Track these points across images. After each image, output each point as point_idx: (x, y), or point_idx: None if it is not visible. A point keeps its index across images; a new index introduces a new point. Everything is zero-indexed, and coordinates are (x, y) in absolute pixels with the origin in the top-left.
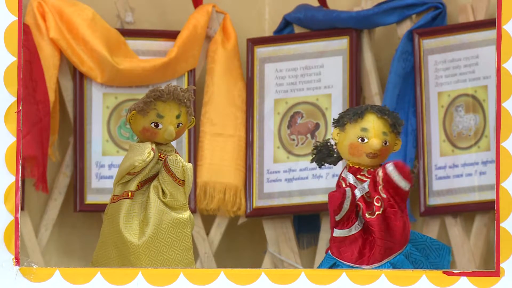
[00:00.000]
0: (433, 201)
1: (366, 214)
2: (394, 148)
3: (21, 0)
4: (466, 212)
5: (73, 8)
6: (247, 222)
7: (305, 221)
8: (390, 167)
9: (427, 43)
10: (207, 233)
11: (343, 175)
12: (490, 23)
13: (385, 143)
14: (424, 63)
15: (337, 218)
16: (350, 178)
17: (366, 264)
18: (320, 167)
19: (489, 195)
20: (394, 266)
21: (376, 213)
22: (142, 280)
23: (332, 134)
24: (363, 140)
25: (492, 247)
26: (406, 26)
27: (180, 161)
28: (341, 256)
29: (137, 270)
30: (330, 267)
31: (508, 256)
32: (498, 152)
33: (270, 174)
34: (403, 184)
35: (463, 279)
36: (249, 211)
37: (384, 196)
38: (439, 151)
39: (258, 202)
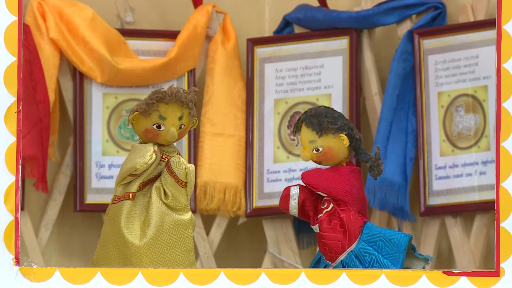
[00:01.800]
0: (433, 201)
1: (318, 214)
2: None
3: (21, 0)
4: (466, 212)
5: (73, 8)
6: (247, 222)
7: (305, 221)
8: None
9: (427, 43)
10: (207, 233)
11: None
12: (490, 23)
13: (317, 150)
14: (424, 63)
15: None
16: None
17: (329, 261)
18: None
19: (489, 195)
20: (343, 265)
21: (324, 211)
22: (142, 280)
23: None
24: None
25: (492, 247)
26: (406, 26)
27: (183, 163)
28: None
29: (137, 270)
30: (317, 262)
31: (508, 256)
32: (498, 152)
33: (270, 174)
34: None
35: (463, 279)
36: (249, 211)
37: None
38: (439, 151)
39: (258, 202)
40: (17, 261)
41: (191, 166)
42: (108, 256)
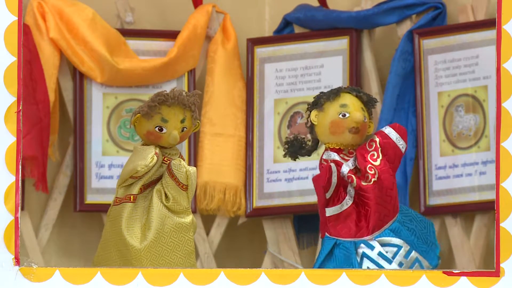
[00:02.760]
0: (433, 201)
1: (362, 182)
2: (368, 130)
3: (21, 0)
4: (466, 212)
5: (73, 8)
6: (247, 222)
7: (305, 221)
8: (387, 129)
9: (427, 43)
10: (207, 233)
11: (324, 157)
12: (490, 23)
13: (365, 119)
14: (424, 63)
15: (328, 194)
16: (335, 156)
17: (367, 235)
18: (294, 160)
19: (489, 195)
20: (394, 232)
21: (372, 180)
22: (142, 280)
23: (310, 117)
24: (344, 115)
25: (492, 247)
26: (406, 26)
27: (183, 166)
28: (339, 234)
29: (137, 270)
30: (332, 248)
31: (508, 256)
32: (498, 152)
33: (270, 174)
34: (401, 143)
35: (463, 279)
36: (249, 211)
37: (378, 163)
38: (439, 151)
39: (258, 202)
40: (17, 261)
41: (193, 169)
42: (109, 258)
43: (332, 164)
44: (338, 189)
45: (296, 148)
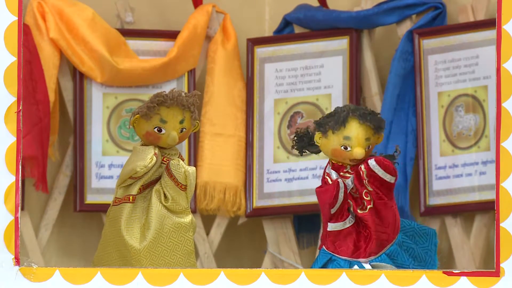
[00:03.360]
0: (433, 201)
1: (358, 210)
2: (377, 142)
3: (21, 0)
4: (466, 212)
5: (73, 8)
6: (247, 222)
7: (305, 221)
8: (372, 163)
9: (427, 43)
10: (207, 233)
11: (327, 171)
12: (490, 23)
13: (368, 147)
14: (424, 63)
15: (333, 210)
16: (333, 175)
17: (363, 257)
18: (301, 155)
19: (489, 195)
20: (389, 256)
21: (368, 207)
22: (142, 280)
23: (315, 137)
24: (346, 148)
25: (492, 247)
26: (406, 26)
27: (182, 166)
28: (336, 250)
29: (137, 270)
30: (326, 263)
31: (508, 256)
32: (498, 152)
33: (270, 174)
34: (388, 177)
35: (463, 279)
36: (249, 211)
37: (371, 189)
38: (439, 151)
39: (258, 202)
40: (17, 261)
41: (191, 169)
42: (108, 258)
43: (340, 180)
44: (343, 206)
45: (304, 143)
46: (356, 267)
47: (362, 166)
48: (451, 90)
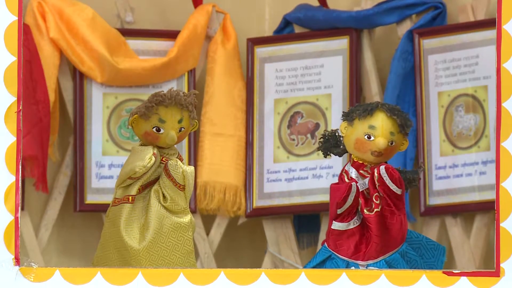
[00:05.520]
0: (433, 201)
1: (365, 210)
2: (401, 148)
3: (21, 0)
4: (466, 212)
5: (73, 8)
6: (247, 222)
7: (305, 221)
8: (382, 169)
9: (427, 43)
10: (207, 233)
11: (346, 168)
12: (490, 23)
13: (391, 143)
14: (424, 63)
15: (339, 211)
16: (353, 173)
17: (362, 260)
18: (325, 157)
19: (489, 195)
20: (389, 264)
21: (375, 210)
22: (142, 280)
23: (340, 127)
24: (369, 137)
25: (492, 247)
26: (406, 26)
27: (180, 166)
28: (337, 249)
29: (137, 270)
30: (324, 260)
31: (508, 256)
32: (498, 152)
33: (270, 174)
34: (394, 188)
35: (463, 279)
36: (249, 211)
37: (382, 195)
38: (439, 151)
39: (258, 202)
40: (17, 261)
41: (190, 168)
42: (108, 258)
43: (354, 184)
44: (351, 209)
45: (330, 145)
46: (353, 268)
47: (376, 170)
48: (451, 90)
